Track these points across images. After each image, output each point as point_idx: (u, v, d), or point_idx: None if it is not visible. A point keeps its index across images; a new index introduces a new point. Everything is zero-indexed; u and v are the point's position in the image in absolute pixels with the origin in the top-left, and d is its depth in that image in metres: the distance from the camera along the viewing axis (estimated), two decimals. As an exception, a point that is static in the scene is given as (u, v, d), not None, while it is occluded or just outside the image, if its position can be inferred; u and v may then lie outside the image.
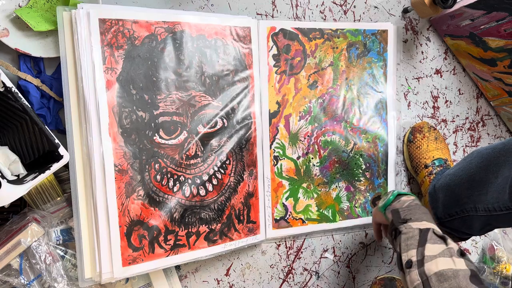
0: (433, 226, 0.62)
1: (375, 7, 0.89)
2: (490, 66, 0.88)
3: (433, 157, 0.87)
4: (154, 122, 0.70)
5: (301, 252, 0.88)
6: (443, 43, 0.95)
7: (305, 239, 0.88)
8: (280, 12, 0.83)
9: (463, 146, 0.99)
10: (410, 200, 0.69)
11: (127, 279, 0.73)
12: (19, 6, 0.67)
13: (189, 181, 0.73)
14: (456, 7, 0.82)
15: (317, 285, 0.89)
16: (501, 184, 0.67)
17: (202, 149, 0.74)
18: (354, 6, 0.88)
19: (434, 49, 0.94)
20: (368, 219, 0.89)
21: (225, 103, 0.76)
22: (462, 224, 0.78)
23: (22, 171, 0.62)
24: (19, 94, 0.59)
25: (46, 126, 0.61)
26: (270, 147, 0.81)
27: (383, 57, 0.88)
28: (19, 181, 0.60)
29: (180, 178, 0.72)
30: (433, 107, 0.96)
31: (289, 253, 0.87)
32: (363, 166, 0.88)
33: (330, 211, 0.86)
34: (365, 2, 0.88)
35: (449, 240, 0.58)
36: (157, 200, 0.70)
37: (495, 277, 0.92)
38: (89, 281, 0.66)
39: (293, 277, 0.87)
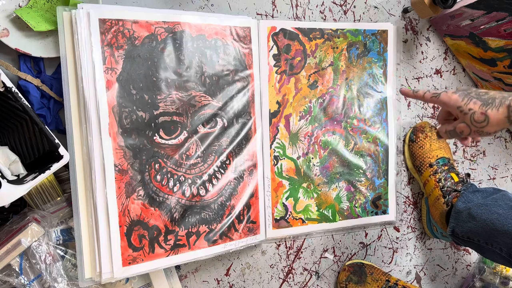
0: None
1: (375, 7, 0.89)
2: (490, 66, 0.88)
3: (437, 156, 0.87)
4: (154, 122, 0.70)
5: (301, 252, 0.88)
6: (443, 43, 0.95)
7: (305, 239, 0.88)
8: (280, 12, 0.83)
9: (462, 146, 0.99)
10: None
11: (127, 279, 0.73)
12: (19, 6, 0.67)
13: (189, 181, 0.73)
14: (456, 7, 0.82)
15: (317, 285, 0.89)
16: None
17: (202, 149, 0.74)
18: (354, 6, 0.88)
19: (434, 49, 0.94)
20: (368, 219, 0.89)
21: (225, 103, 0.76)
22: (475, 248, 0.76)
23: (22, 171, 0.62)
24: (19, 94, 0.59)
25: (46, 126, 0.61)
26: (270, 147, 0.81)
27: (383, 57, 0.88)
28: (19, 181, 0.60)
29: (180, 178, 0.72)
30: (433, 107, 0.96)
31: (289, 253, 0.87)
32: (364, 166, 0.88)
33: (330, 211, 0.86)
34: (365, 2, 0.88)
35: None
36: (157, 200, 0.70)
37: (495, 277, 0.92)
38: (89, 281, 0.66)
39: (293, 277, 0.87)
